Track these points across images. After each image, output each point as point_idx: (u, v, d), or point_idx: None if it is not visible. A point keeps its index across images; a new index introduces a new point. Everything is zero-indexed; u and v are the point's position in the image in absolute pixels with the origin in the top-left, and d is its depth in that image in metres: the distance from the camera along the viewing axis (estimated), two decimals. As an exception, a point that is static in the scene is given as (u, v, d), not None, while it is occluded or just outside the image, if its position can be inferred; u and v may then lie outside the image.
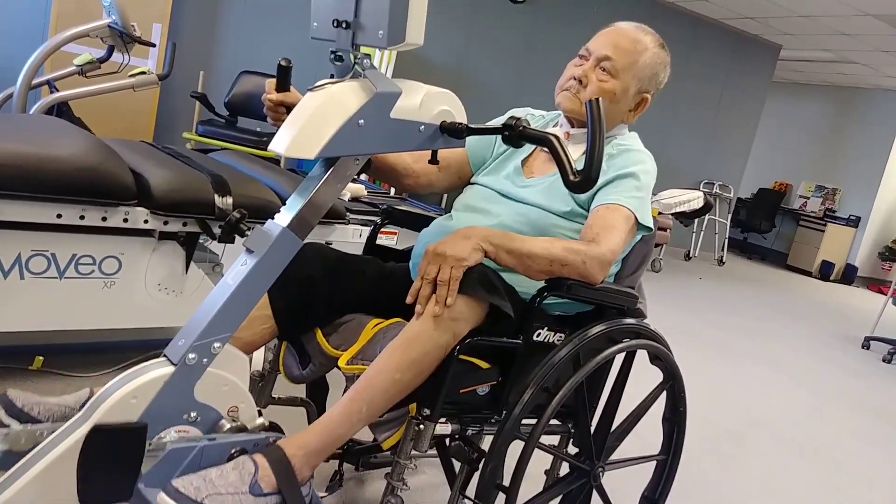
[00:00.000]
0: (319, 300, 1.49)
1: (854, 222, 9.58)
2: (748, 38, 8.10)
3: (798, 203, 10.47)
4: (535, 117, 1.72)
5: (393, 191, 2.98)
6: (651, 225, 1.52)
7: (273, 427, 1.28)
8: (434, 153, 1.29)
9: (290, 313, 1.47)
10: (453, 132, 1.22)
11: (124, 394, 1.09)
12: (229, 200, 1.94)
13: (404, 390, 1.27)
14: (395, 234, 2.01)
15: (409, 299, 1.29)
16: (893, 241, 9.65)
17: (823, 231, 9.56)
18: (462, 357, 1.31)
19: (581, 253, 1.36)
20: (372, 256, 1.71)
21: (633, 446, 1.65)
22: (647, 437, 1.74)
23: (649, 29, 1.60)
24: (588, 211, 1.50)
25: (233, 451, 1.18)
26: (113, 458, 1.09)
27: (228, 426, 1.21)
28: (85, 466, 1.06)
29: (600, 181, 1.45)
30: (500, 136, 1.26)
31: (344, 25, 1.16)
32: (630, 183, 1.49)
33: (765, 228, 10.09)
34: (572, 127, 1.61)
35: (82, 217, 1.79)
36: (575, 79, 1.55)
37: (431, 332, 1.25)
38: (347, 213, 2.24)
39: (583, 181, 1.18)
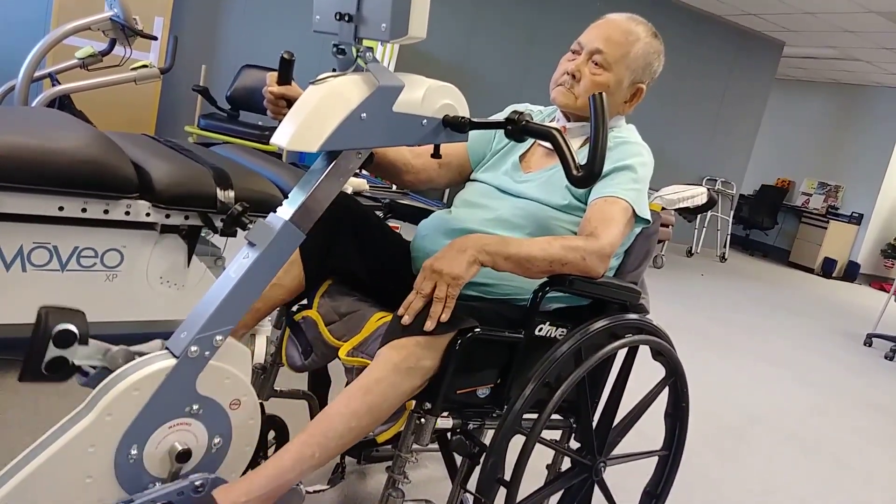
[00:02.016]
0: (342, 241, 1.50)
1: (857, 219, 9.57)
2: (751, 35, 8.08)
3: (800, 200, 10.45)
4: (533, 113, 1.72)
5: (395, 185, 2.98)
6: (649, 217, 1.52)
7: (274, 420, 1.27)
8: (437, 147, 1.29)
9: (316, 251, 1.47)
10: (456, 126, 1.22)
11: (126, 386, 1.09)
12: (231, 194, 1.94)
13: (359, 436, 1.25)
14: (397, 228, 2.01)
15: (400, 311, 1.28)
16: (896, 238, 9.64)
17: (826, 228, 9.55)
18: (461, 360, 1.30)
19: (580, 249, 1.36)
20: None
21: (635, 442, 1.65)
22: (649, 432, 1.74)
23: (641, 19, 1.59)
24: (586, 204, 1.50)
25: None
26: None
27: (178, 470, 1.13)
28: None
29: None
30: (499, 132, 1.26)
31: (346, 18, 1.15)
32: (627, 175, 1.49)
33: (767, 225, 10.07)
34: (568, 121, 1.61)
35: (84, 210, 1.79)
36: (568, 73, 1.55)
37: (393, 379, 1.23)
38: (349, 208, 2.23)
39: (586, 175, 1.18)
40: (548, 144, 1.55)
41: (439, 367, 1.29)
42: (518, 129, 1.22)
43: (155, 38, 3.77)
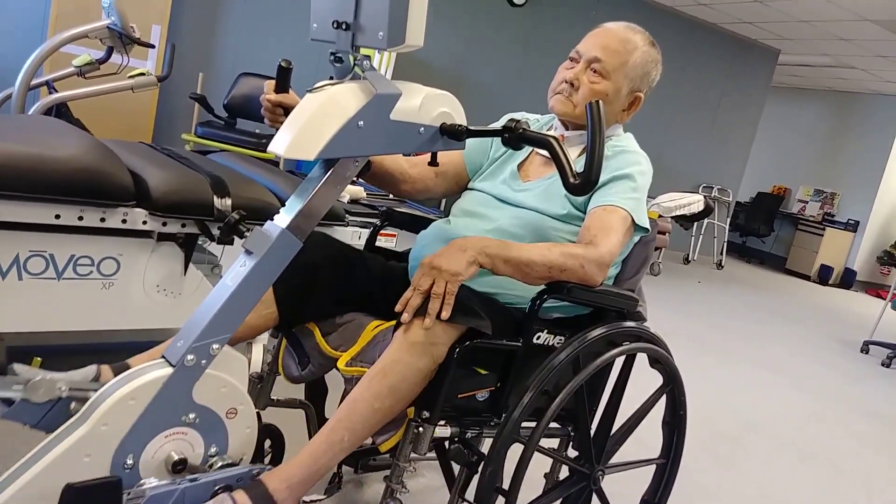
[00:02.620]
0: (321, 288, 1.48)
1: (853, 227, 9.59)
2: (747, 43, 8.11)
3: (797, 207, 10.48)
4: (530, 121, 1.72)
5: (391, 195, 2.98)
6: (647, 226, 1.52)
7: (271, 429, 1.27)
8: (433, 155, 1.29)
9: (291, 299, 1.45)
10: (453, 134, 1.22)
11: (122, 395, 1.08)
12: (228, 202, 1.93)
13: (385, 417, 1.27)
14: (394, 236, 2.01)
15: (398, 307, 1.28)
16: (892, 245, 9.65)
17: (822, 235, 9.57)
18: (461, 363, 1.30)
19: (579, 257, 1.36)
20: (373, 253, 1.71)
21: (633, 450, 1.64)
22: (647, 440, 1.73)
23: (639, 28, 1.60)
24: (585, 213, 1.50)
25: (216, 488, 1.15)
26: None
27: (219, 464, 1.20)
28: None
29: None
30: (496, 141, 1.26)
31: (344, 27, 1.16)
32: (626, 184, 1.49)
33: (763, 232, 10.09)
34: (566, 130, 1.61)
35: (81, 218, 1.78)
36: (566, 82, 1.55)
37: (408, 359, 1.25)
38: (346, 215, 2.23)
39: (583, 183, 1.18)
40: (545, 153, 1.55)
41: (438, 372, 1.28)
42: (515, 136, 1.22)
43: (152, 47, 3.77)
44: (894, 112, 9.37)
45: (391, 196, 2.92)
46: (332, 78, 1.21)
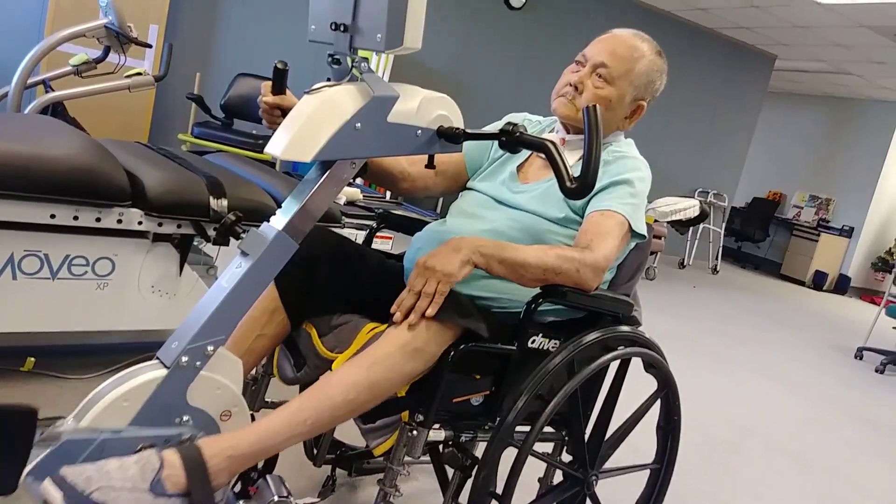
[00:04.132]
0: (320, 281, 1.47)
1: (847, 232, 9.62)
2: (744, 48, 8.14)
3: (792, 213, 10.51)
4: (532, 123, 1.72)
5: (388, 195, 2.98)
6: (645, 232, 1.52)
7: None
8: (431, 158, 1.29)
9: (294, 294, 1.45)
10: (450, 137, 1.22)
11: (116, 397, 1.08)
12: (224, 203, 1.93)
13: (355, 412, 1.24)
14: (390, 238, 2.01)
15: (393, 308, 1.28)
16: (886, 251, 9.69)
17: (817, 241, 9.60)
18: (455, 367, 1.30)
19: (575, 261, 1.36)
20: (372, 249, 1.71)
21: (627, 455, 1.64)
22: (641, 445, 1.73)
23: (646, 36, 1.60)
24: (582, 217, 1.49)
25: (140, 446, 1.09)
26: None
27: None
28: None
29: (595, 187, 1.45)
30: (496, 142, 1.25)
31: (342, 29, 1.15)
32: (625, 189, 1.49)
33: (759, 238, 10.12)
34: (568, 133, 1.61)
35: (76, 217, 1.78)
36: (571, 85, 1.55)
37: (397, 358, 1.23)
38: (343, 217, 2.23)
39: (580, 187, 1.18)
40: (543, 155, 1.55)
41: (433, 375, 1.28)
42: (512, 140, 1.22)
43: (149, 46, 3.76)
44: (890, 118, 9.41)
45: (388, 198, 2.92)
46: (329, 79, 1.21)
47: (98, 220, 1.81)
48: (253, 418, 1.26)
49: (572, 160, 1.53)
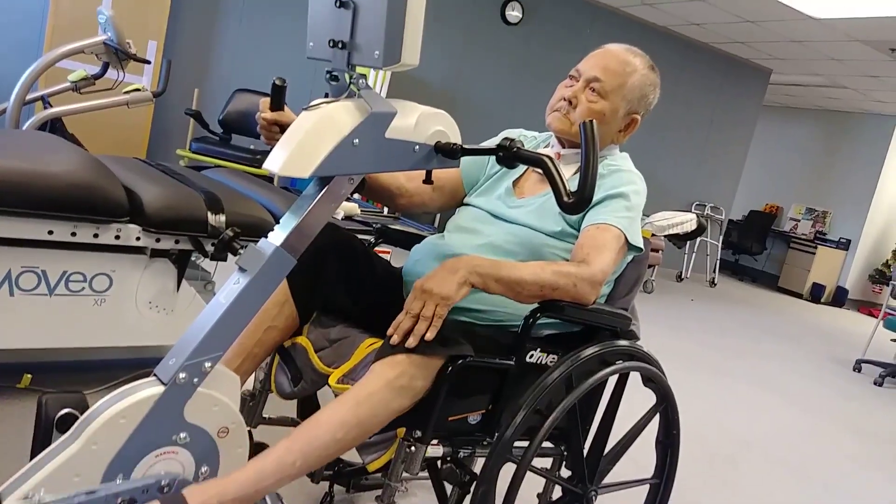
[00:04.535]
0: (329, 273, 1.48)
1: (844, 245, 9.63)
2: (739, 62, 8.19)
3: (789, 225, 10.53)
4: (527, 139, 1.73)
5: (386, 210, 2.98)
6: (641, 245, 1.53)
7: (263, 449, 1.25)
8: (428, 173, 1.29)
9: (305, 284, 1.45)
10: (448, 152, 1.22)
11: (113, 414, 1.07)
12: (222, 218, 1.93)
13: (344, 449, 1.24)
14: (388, 253, 2.01)
15: (389, 331, 1.28)
16: (883, 263, 9.70)
17: (814, 253, 9.61)
18: (451, 387, 1.29)
19: (571, 275, 1.36)
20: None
21: (627, 469, 1.64)
22: (641, 460, 1.73)
23: (639, 51, 1.62)
24: (579, 231, 1.50)
25: (119, 500, 1.05)
26: None
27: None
28: None
29: None
30: (492, 157, 1.26)
31: (340, 46, 1.16)
32: (620, 203, 1.50)
33: (756, 250, 10.13)
34: (563, 147, 1.62)
35: (74, 234, 1.78)
36: (565, 99, 1.57)
37: (385, 395, 1.23)
38: (341, 232, 2.23)
39: (577, 202, 1.18)
40: (540, 170, 1.56)
41: (430, 392, 1.28)
42: (509, 155, 1.22)
43: (148, 62, 3.78)
44: (885, 131, 9.45)
45: (385, 213, 2.92)
46: (327, 95, 1.21)
47: (96, 235, 1.81)
48: (251, 434, 1.25)
49: (568, 174, 1.54)
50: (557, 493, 1.60)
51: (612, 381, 1.53)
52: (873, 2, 5.22)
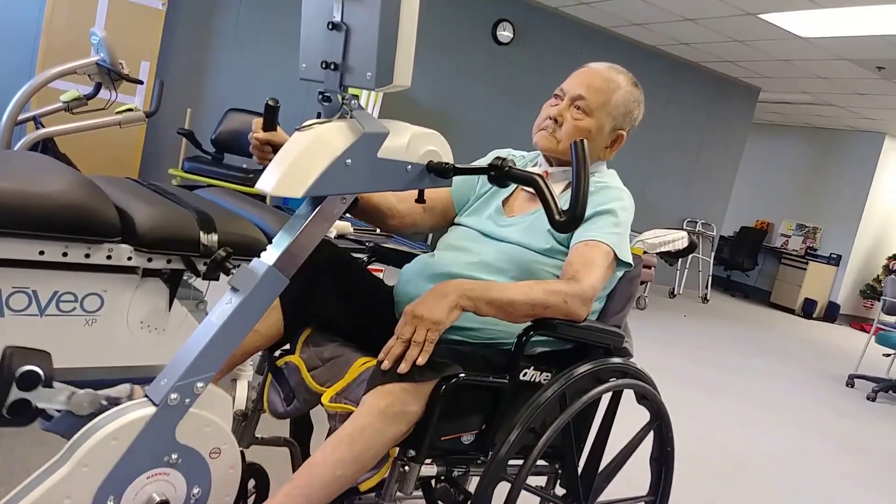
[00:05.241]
0: (323, 289, 1.48)
1: (835, 260, 9.69)
2: (728, 81, 8.27)
3: (780, 241, 10.59)
4: (516, 157, 1.74)
5: (379, 229, 2.98)
6: (630, 261, 1.54)
7: (255, 469, 1.24)
8: (421, 192, 1.30)
9: (295, 294, 1.44)
10: (440, 172, 1.23)
11: (104, 435, 1.06)
12: (214, 238, 1.93)
13: (346, 485, 1.24)
14: (381, 271, 2.01)
15: (380, 356, 1.28)
16: (874, 279, 9.75)
17: (805, 269, 9.66)
18: (444, 407, 1.29)
19: (561, 293, 1.37)
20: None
21: (621, 487, 1.63)
22: (635, 477, 1.72)
23: (622, 68, 1.64)
24: (568, 248, 1.51)
25: None
26: None
27: None
28: None
29: None
30: (482, 177, 1.27)
31: (332, 67, 1.17)
32: (608, 219, 1.51)
33: (747, 266, 10.17)
34: (550, 165, 1.64)
35: (65, 254, 1.77)
36: (551, 118, 1.59)
37: (379, 425, 1.23)
38: (333, 251, 2.23)
39: (568, 220, 1.19)
40: (531, 189, 1.57)
41: (424, 413, 1.27)
42: (501, 174, 1.23)
43: (141, 83, 3.78)
44: (873, 148, 9.54)
45: (378, 231, 2.92)
46: (320, 116, 1.22)
47: (87, 255, 1.80)
48: (243, 455, 1.25)
49: (556, 191, 1.55)
50: (552, 511, 1.59)
51: (605, 399, 1.53)
52: (860, 21, 5.30)
